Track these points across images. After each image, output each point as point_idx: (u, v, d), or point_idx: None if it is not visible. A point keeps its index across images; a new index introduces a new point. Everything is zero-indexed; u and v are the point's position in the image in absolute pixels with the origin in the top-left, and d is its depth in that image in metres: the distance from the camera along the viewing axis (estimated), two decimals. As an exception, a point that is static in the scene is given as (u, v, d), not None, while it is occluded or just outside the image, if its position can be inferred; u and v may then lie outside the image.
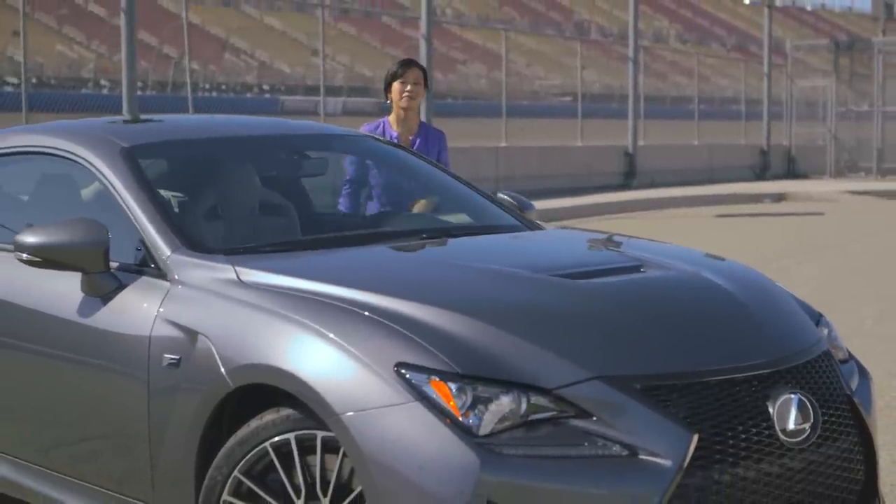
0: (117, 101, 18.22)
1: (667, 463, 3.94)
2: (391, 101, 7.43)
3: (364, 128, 7.30)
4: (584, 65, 33.00)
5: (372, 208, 6.67)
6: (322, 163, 6.18)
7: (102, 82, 61.60)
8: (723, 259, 5.30)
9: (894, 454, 6.40)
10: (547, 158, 27.67)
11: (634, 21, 30.62)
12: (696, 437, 3.98)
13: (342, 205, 6.76)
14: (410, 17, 74.02)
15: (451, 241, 5.39)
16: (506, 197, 6.18)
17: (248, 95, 63.66)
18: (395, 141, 7.14)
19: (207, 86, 63.25)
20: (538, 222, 5.99)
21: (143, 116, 7.52)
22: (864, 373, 4.95)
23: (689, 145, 34.99)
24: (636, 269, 4.79)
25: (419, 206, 6.17)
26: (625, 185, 29.37)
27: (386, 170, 6.57)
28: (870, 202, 27.51)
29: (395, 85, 7.42)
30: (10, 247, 5.19)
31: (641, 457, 3.95)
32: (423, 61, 24.01)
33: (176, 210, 5.32)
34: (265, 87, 70.61)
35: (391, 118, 7.48)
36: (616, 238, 5.65)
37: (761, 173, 35.78)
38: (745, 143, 37.36)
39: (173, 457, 4.52)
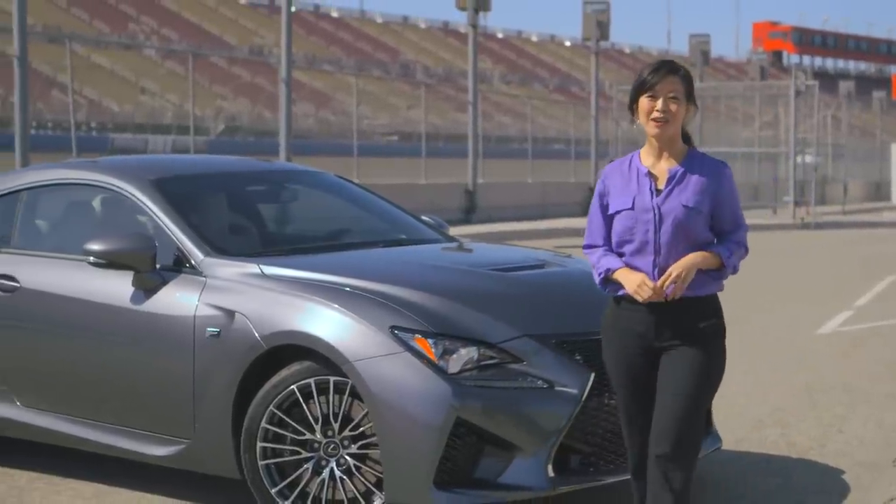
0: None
1: (574, 392, 5.88)
2: (638, 124, 5.21)
3: (608, 167, 5.34)
4: (413, 105, 34.92)
5: None
6: (295, 192, 7.96)
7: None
8: None
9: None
10: (394, 195, 28.93)
11: (474, 65, 32.78)
12: (593, 375, 5.93)
13: None
14: (237, 58, 75.23)
15: (406, 248, 7.31)
16: (428, 219, 8.02)
17: (78, 133, 63.71)
18: (645, 175, 5.18)
19: (35, 123, 63.36)
20: (455, 237, 7.88)
21: (153, 157, 9.18)
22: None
23: (523, 183, 37.37)
24: (542, 265, 6.75)
25: None
26: (465, 220, 31.45)
27: (340, 201, 7.95)
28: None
29: (643, 100, 5.14)
30: (69, 255, 6.92)
31: (557, 388, 5.89)
32: (282, 107, 25.34)
33: None
34: (93, 124, 70.94)
35: (644, 148, 5.26)
36: (518, 247, 7.61)
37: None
38: (574, 180, 39.86)
39: (214, 403, 6.28)
